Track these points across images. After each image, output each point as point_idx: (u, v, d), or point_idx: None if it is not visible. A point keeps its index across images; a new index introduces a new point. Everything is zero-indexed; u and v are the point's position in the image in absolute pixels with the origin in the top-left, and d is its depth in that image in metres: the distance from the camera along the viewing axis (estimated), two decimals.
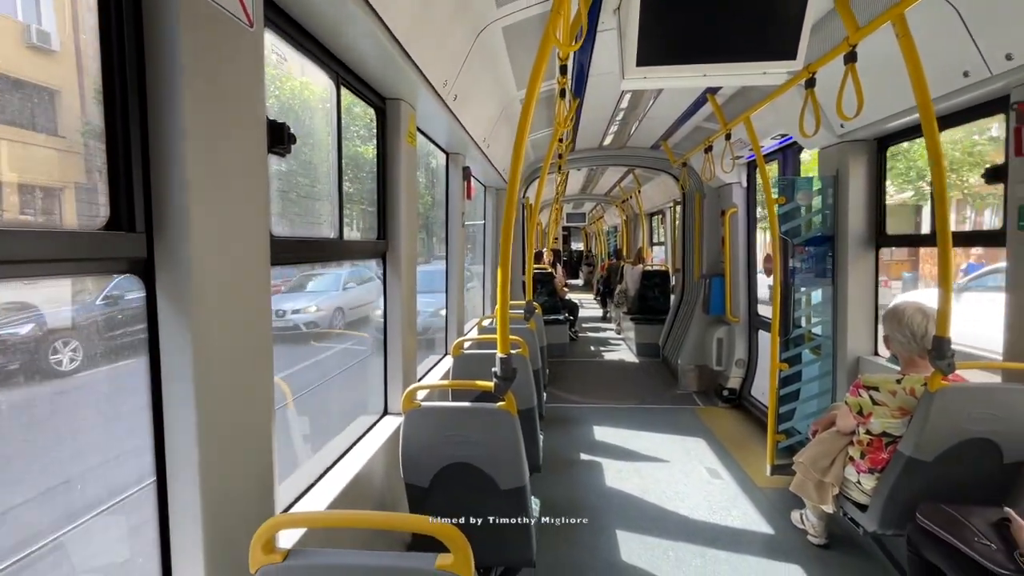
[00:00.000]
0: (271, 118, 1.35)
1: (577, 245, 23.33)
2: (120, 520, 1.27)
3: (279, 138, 1.35)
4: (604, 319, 11.00)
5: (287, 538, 1.39)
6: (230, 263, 1.11)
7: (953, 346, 1.97)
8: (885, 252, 3.20)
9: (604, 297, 11.43)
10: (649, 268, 8.08)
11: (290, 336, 5.16)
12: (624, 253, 11.36)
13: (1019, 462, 2.05)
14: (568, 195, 11.09)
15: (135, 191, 0.96)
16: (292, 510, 1.61)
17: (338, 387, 4.17)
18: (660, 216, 10.16)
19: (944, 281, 1.98)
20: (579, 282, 19.27)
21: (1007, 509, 1.72)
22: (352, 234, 2.32)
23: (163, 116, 0.97)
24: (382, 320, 2.48)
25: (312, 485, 1.77)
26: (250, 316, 1.18)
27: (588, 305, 12.93)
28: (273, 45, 1.51)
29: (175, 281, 1.00)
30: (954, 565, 1.77)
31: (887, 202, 3.16)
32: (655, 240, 10.71)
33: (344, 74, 1.92)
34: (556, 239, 16.38)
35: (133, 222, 0.96)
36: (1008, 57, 1.98)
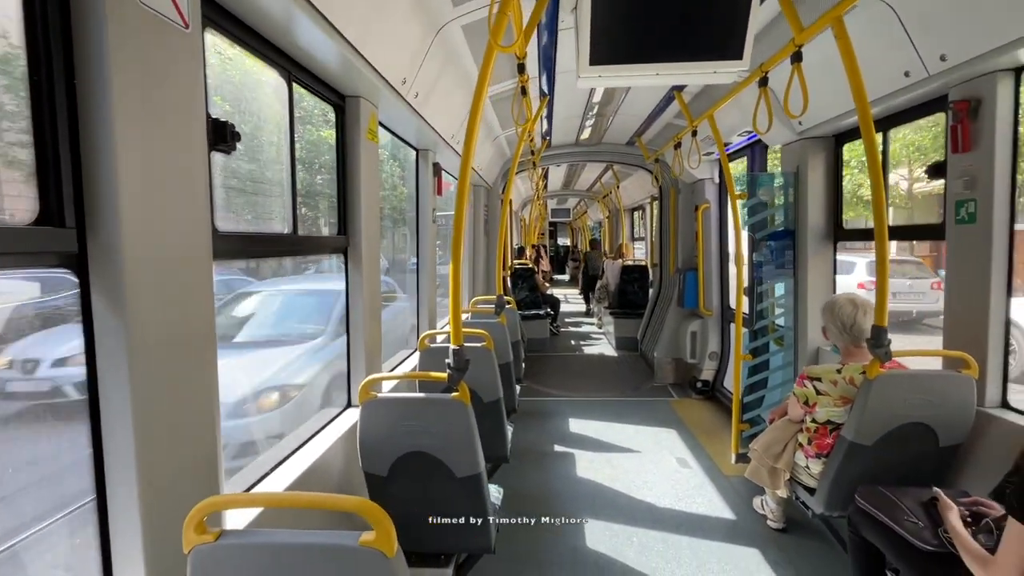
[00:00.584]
0: (215, 116, 1.38)
1: (564, 240, 23.43)
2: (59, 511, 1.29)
3: (222, 136, 1.38)
4: (587, 314, 11.11)
5: (234, 524, 1.43)
6: (168, 258, 1.14)
7: None
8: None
9: (586, 292, 11.54)
10: (628, 263, 8.17)
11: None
12: (606, 248, 11.44)
13: (954, 445, 2.14)
14: (551, 191, 11.15)
15: (64, 186, 0.99)
16: None
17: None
18: (640, 211, 10.26)
19: (881, 272, 2.06)
20: (565, 277, 19.36)
21: (936, 489, 1.81)
22: (324, 230, 2.35)
23: (92, 113, 1.00)
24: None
25: (267, 474, 1.81)
26: (191, 310, 1.22)
27: (573, 300, 13.02)
28: (215, 45, 1.53)
29: (109, 276, 1.04)
30: (887, 543, 1.86)
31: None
32: (636, 235, 10.81)
33: (297, 72, 1.95)
34: (541, 234, 16.43)
35: (63, 217, 0.99)
36: (943, 58, 2.06)
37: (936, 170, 2.39)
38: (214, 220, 1.34)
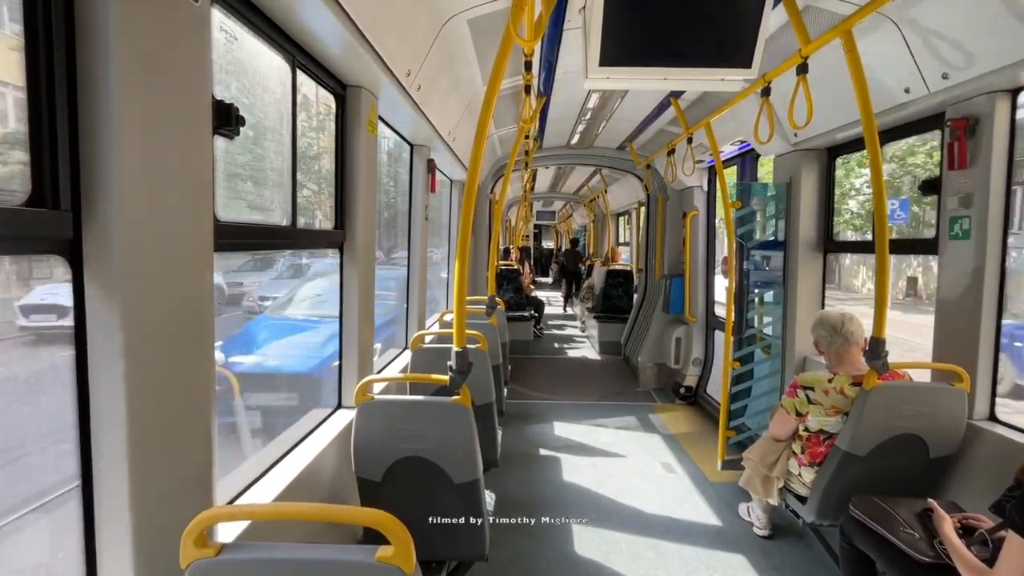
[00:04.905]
0: (219, 98, 1.30)
1: (548, 243, 23.47)
2: (41, 517, 1.18)
3: (226, 119, 1.30)
4: (566, 315, 11.17)
5: (228, 535, 1.35)
6: (168, 247, 1.06)
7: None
8: None
9: (568, 295, 11.63)
10: (614, 268, 8.21)
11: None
12: (591, 251, 11.51)
13: (943, 456, 2.19)
14: (537, 193, 11.15)
15: (60, 165, 0.90)
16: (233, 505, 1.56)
17: None
18: (626, 216, 10.32)
19: (881, 285, 2.09)
20: (548, 280, 19.42)
21: (930, 500, 1.84)
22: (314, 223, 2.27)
23: (93, 86, 0.92)
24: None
25: (257, 479, 1.72)
26: (189, 302, 1.13)
27: (556, 303, 13.05)
28: (222, 23, 1.45)
29: (105, 263, 0.95)
30: (881, 553, 1.88)
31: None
32: (621, 240, 10.88)
33: (301, 57, 1.86)
34: (526, 236, 16.43)
35: (58, 199, 0.91)
36: (944, 76, 2.10)
37: (929, 186, 2.44)
38: (215, 208, 1.26)
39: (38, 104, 0.89)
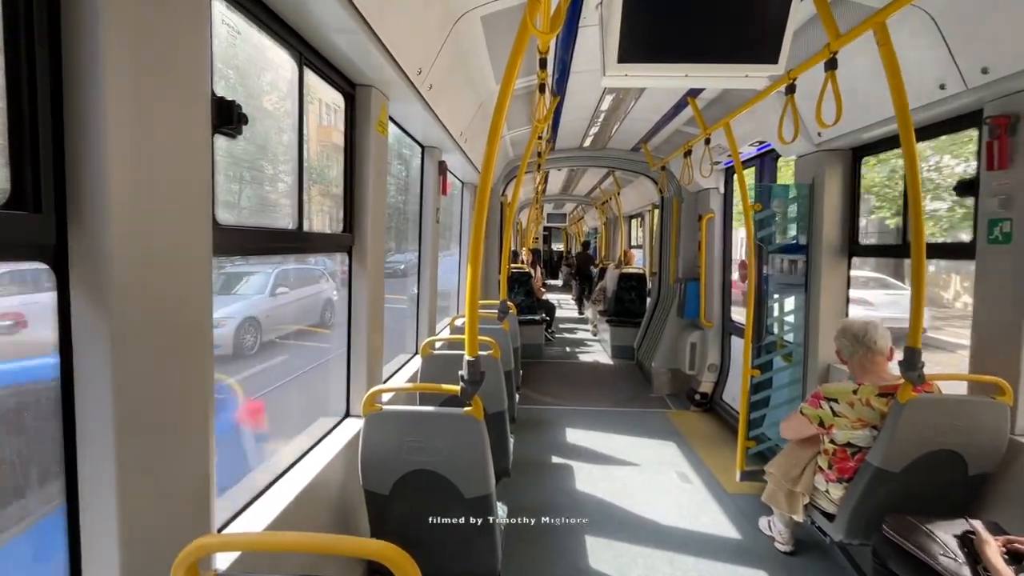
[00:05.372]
0: (220, 95, 1.23)
1: (558, 245, 23.36)
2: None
3: (228, 117, 1.23)
4: (580, 317, 11.07)
5: (226, 560, 1.28)
6: (162, 252, 1.00)
7: None
8: None
9: (581, 298, 11.54)
10: (627, 271, 8.10)
11: None
12: (602, 254, 11.41)
13: (983, 474, 2.06)
14: (548, 195, 11.06)
15: (42, 164, 0.84)
16: (233, 525, 1.49)
17: None
18: (639, 219, 10.20)
19: (916, 292, 1.97)
20: (558, 283, 19.33)
21: (972, 522, 1.72)
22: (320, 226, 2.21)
23: (79, 81, 0.85)
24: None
25: (262, 492, 1.65)
26: (185, 311, 1.07)
27: (566, 305, 12.96)
28: (224, 16, 1.39)
29: (92, 270, 0.88)
30: None
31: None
32: (633, 243, 10.76)
33: (308, 55, 1.80)
34: (536, 239, 16.37)
35: (40, 201, 0.84)
36: (984, 71, 1.98)
37: (966, 187, 2.31)
38: (215, 211, 1.20)
39: (18, 97, 0.82)
